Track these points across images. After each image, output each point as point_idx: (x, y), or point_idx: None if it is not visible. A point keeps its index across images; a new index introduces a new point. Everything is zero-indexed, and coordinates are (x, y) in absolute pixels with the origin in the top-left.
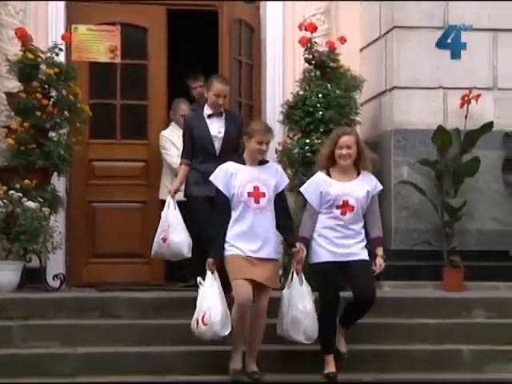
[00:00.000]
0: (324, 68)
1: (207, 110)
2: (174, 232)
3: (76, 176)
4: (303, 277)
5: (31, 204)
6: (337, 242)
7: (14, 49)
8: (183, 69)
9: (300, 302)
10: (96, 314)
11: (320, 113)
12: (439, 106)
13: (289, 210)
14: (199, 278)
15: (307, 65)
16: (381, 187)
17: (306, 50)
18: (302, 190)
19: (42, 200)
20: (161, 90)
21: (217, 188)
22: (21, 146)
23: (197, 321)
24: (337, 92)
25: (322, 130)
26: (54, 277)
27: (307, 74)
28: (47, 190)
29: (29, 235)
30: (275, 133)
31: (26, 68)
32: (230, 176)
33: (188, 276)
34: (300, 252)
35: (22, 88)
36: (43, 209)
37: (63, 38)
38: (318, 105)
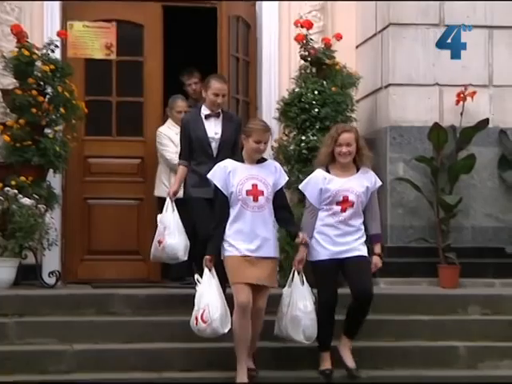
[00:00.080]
0: (320, 65)
1: (204, 111)
2: (170, 235)
3: (72, 173)
4: (304, 276)
5: (27, 201)
6: (337, 240)
7: (10, 45)
8: (179, 66)
9: (301, 302)
10: (92, 311)
11: (316, 110)
12: (435, 103)
13: (289, 207)
14: (197, 276)
15: (303, 62)
16: (380, 183)
17: (302, 47)
18: (301, 188)
19: (38, 197)
20: (156, 88)
21: (215, 185)
22: (16, 143)
23: (196, 318)
24: (332, 89)
25: (318, 127)
26: (50, 273)
27: (303, 71)
28: (43, 187)
29: (24, 232)
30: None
31: (22, 65)
32: (228, 174)
33: (184, 274)
34: (303, 242)
35: (18, 85)
36: (39, 206)
37: (59, 35)
38: (314, 102)
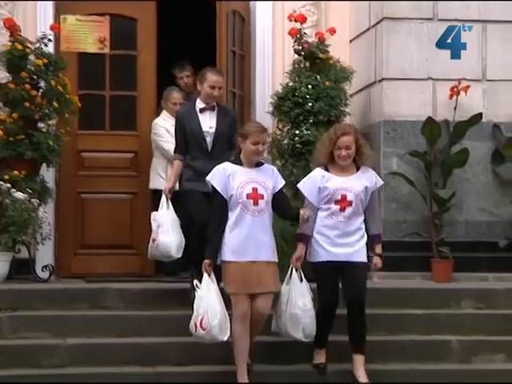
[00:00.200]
0: (313, 59)
1: (199, 104)
2: (164, 233)
3: (65, 167)
4: (302, 274)
5: (20, 195)
6: (337, 241)
7: (3, 39)
8: (174, 60)
9: (300, 299)
10: (85, 305)
11: (309, 104)
12: (428, 98)
13: (291, 204)
14: (196, 281)
15: (297, 56)
16: (381, 183)
17: (296, 41)
18: (300, 187)
19: (31, 191)
20: (150, 81)
21: (213, 188)
22: (9, 137)
23: (195, 324)
24: (326, 83)
25: (312, 121)
26: (43, 268)
27: (297, 65)
28: (36, 181)
29: (18, 226)
30: (264, 124)
31: (15, 59)
32: (228, 177)
33: (178, 269)
34: (305, 217)
35: (11, 79)
36: (32, 200)
37: (52, 29)
38: (308, 96)
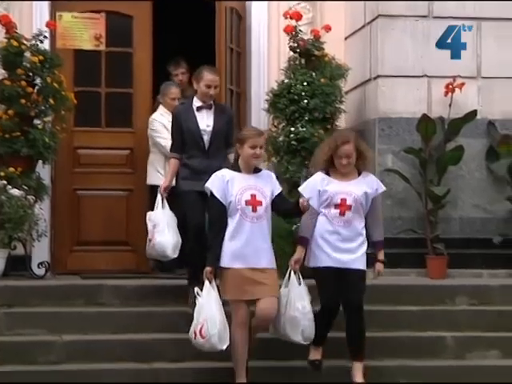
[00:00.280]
0: (309, 56)
1: (196, 102)
2: (159, 232)
3: (61, 164)
4: (301, 276)
5: (16, 192)
6: (338, 246)
7: None
8: (169, 57)
9: (299, 302)
10: (81, 302)
11: (305, 101)
12: (423, 95)
13: (290, 202)
14: (197, 289)
15: (292, 53)
16: (383, 189)
17: (291, 39)
18: (301, 190)
19: (27, 188)
20: (146, 79)
21: (212, 194)
22: (5, 134)
23: (194, 332)
24: (321, 80)
25: (307, 119)
26: (39, 264)
27: (292, 63)
28: (32, 178)
29: (14, 223)
30: (260, 121)
31: (11, 55)
32: (227, 183)
33: (174, 266)
34: (306, 205)
35: (7, 75)
36: (28, 197)
37: (48, 26)
38: (303, 93)
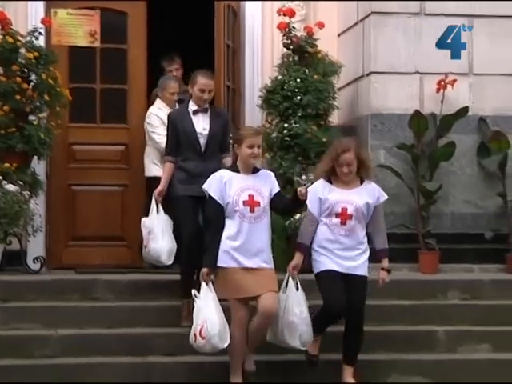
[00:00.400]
0: (302, 53)
1: (192, 106)
2: (154, 239)
3: (56, 159)
4: (298, 282)
5: (11, 187)
6: (339, 254)
7: None
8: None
9: (297, 307)
10: (76, 297)
11: (298, 97)
12: (415, 91)
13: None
14: (194, 291)
15: (286, 50)
16: (385, 197)
17: (285, 35)
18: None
19: (22, 183)
20: (140, 75)
21: (210, 196)
22: (0, 130)
23: (194, 335)
24: (315, 77)
25: (300, 115)
26: (35, 259)
27: (285, 59)
28: (27, 174)
29: (9, 218)
30: (253, 117)
31: (6, 52)
32: (225, 184)
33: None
34: (304, 193)
35: (2, 72)
36: (23, 192)
37: (43, 22)
38: (297, 89)
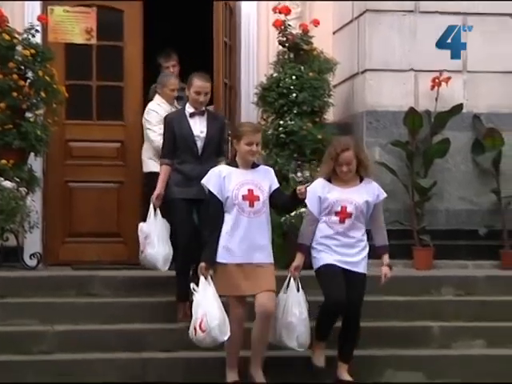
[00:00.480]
0: (297, 50)
1: (189, 109)
2: (150, 244)
3: (52, 156)
4: (299, 283)
5: (8, 184)
6: (338, 251)
7: None
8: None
9: (296, 308)
10: (72, 293)
11: (294, 94)
12: (410, 89)
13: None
14: (193, 285)
15: (281, 47)
16: (384, 195)
17: (280, 33)
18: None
19: (19, 180)
20: (136, 72)
21: (209, 191)
22: None
23: (194, 328)
24: (310, 74)
25: (296, 112)
26: (31, 256)
27: (281, 57)
28: (24, 170)
29: (6, 215)
30: (249, 114)
31: (2, 49)
32: (223, 179)
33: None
34: (303, 191)
35: None
36: (20, 188)
37: (39, 20)
38: (292, 87)
